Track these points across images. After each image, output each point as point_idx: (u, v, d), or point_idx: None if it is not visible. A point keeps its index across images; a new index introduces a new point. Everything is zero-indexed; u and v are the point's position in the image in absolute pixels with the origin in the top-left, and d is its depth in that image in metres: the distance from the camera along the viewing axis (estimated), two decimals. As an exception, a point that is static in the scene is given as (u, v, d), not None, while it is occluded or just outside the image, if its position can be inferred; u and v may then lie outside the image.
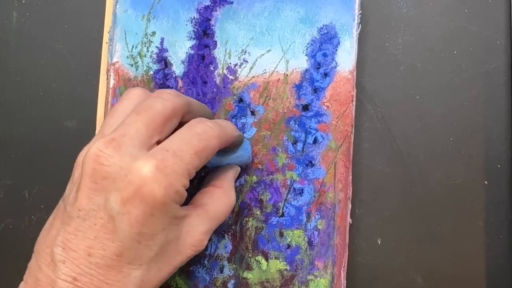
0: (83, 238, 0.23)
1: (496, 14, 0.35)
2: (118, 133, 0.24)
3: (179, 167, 0.24)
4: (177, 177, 0.24)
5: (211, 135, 0.26)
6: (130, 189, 0.23)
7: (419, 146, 0.34)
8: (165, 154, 0.24)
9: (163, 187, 0.23)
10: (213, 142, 0.26)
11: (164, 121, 0.25)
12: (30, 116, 0.36)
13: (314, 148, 0.32)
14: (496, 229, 0.33)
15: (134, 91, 0.28)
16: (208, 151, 0.26)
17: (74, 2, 0.36)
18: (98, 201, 0.23)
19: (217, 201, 0.28)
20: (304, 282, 0.32)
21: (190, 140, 0.25)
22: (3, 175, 0.36)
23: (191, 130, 0.25)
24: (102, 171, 0.23)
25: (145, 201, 0.23)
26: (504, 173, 0.34)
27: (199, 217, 0.27)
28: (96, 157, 0.24)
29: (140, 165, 0.23)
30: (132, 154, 0.24)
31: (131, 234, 0.23)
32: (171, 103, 0.26)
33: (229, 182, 0.30)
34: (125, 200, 0.23)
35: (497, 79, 0.34)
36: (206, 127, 0.26)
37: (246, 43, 0.33)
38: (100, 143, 0.24)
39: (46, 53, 0.36)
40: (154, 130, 0.25)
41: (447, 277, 0.33)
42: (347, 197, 0.32)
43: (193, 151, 0.25)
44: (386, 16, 0.35)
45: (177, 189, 0.24)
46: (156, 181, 0.23)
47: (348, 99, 0.32)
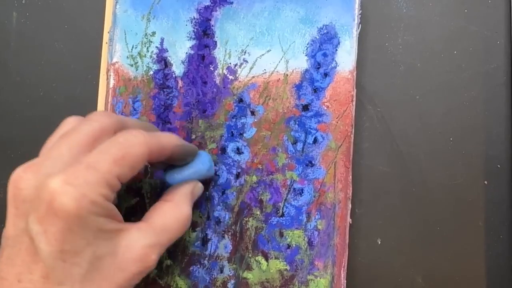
0: (12, 265, 0.23)
1: (496, 14, 0.35)
2: (40, 158, 0.25)
3: (92, 177, 0.23)
4: (90, 187, 0.23)
5: (134, 142, 0.25)
6: (43, 207, 0.22)
7: (419, 146, 0.34)
8: (77, 167, 0.23)
9: (73, 199, 0.22)
10: (137, 149, 0.25)
11: (91, 141, 0.25)
12: (30, 116, 0.36)
13: (314, 148, 0.32)
14: (496, 229, 0.33)
15: (68, 120, 0.27)
16: (131, 158, 0.25)
17: (74, 2, 0.36)
18: (21, 226, 0.23)
19: (164, 214, 0.27)
20: (304, 282, 0.32)
21: (108, 149, 0.24)
22: (3, 175, 0.36)
23: (112, 141, 0.25)
24: (20, 195, 0.23)
25: (59, 216, 0.22)
26: (504, 173, 0.34)
27: (140, 231, 0.26)
28: (15, 183, 0.24)
29: (50, 180, 0.23)
30: (48, 174, 0.23)
31: (52, 253, 0.22)
32: (98, 123, 0.25)
33: (181, 196, 0.28)
34: (41, 219, 0.22)
35: (497, 79, 0.34)
36: (129, 135, 0.25)
37: (246, 43, 0.33)
38: (20, 168, 0.24)
39: (46, 53, 0.36)
40: (78, 150, 0.24)
41: (447, 277, 0.33)
42: (347, 197, 0.32)
43: (111, 160, 0.24)
44: (386, 16, 0.35)
45: (93, 199, 0.23)
46: (65, 193, 0.22)
47: (348, 99, 0.32)
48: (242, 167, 0.32)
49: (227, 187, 0.32)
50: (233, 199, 0.32)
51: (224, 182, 0.32)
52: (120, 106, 0.33)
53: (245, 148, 0.33)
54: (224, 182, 0.32)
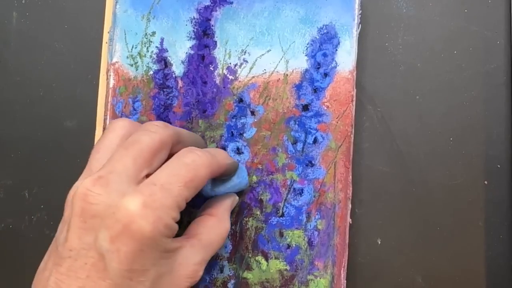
0: (75, 278, 0.23)
1: (496, 14, 0.35)
2: (105, 170, 0.24)
3: (167, 201, 0.24)
4: (165, 211, 0.23)
5: (200, 164, 0.25)
6: (118, 227, 0.23)
7: (419, 146, 0.34)
8: (152, 189, 0.24)
9: (151, 223, 0.23)
10: (203, 171, 0.25)
11: (153, 154, 0.25)
12: (30, 116, 0.36)
13: (314, 148, 0.32)
14: (496, 229, 0.33)
15: (118, 123, 0.27)
16: (198, 181, 0.25)
17: (74, 2, 0.36)
18: (88, 240, 0.23)
19: (211, 230, 0.28)
20: (304, 282, 0.32)
21: (178, 171, 0.25)
22: (3, 175, 0.36)
23: (179, 161, 0.25)
24: (90, 209, 0.23)
25: (134, 237, 0.23)
26: (504, 173, 0.34)
27: (193, 248, 0.26)
28: (84, 196, 0.24)
29: (127, 201, 0.23)
30: (120, 191, 0.23)
31: (121, 272, 0.23)
32: (158, 136, 0.25)
33: (224, 210, 0.29)
34: (114, 238, 0.23)
35: (497, 79, 0.34)
36: (195, 156, 0.25)
37: (246, 43, 0.33)
38: (88, 181, 0.24)
39: (46, 53, 0.36)
40: (142, 164, 0.25)
41: (447, 277, 0.33)
42: (347, 197, 0.32)
43: (181, 183, 0.24)
44: (386, 16, 0.35)
45: (166, 223, 0.23)
46: (144, 217, 0.23)
47: (348, 99, 0.32)
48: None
49: (227, 187, 0.32)
50: (233, 199, 0.32)
51: (224, 182, 0.32)
52: (120, 106, 0.33)
53: (245, 148, 0.33)
54: (224, 182, 0.32)
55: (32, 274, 0.36)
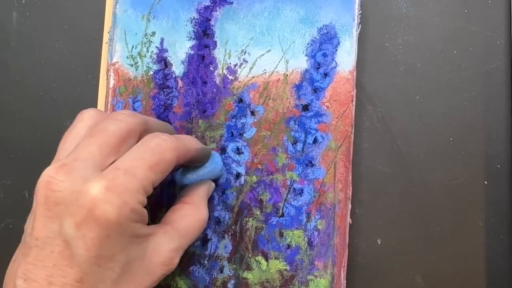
0: (42, 267, 0.23)
1: (496, 14, 0.35)
2: (70, 157, 0.24)
3: (132, 184, 0.23)
4: (130, 195, 0.23)
5: (165, 147, 0.25)
6: (82, 212, 0.22)
7: (419, 146, 0.34)
8: (116, 173, 0.23)
9: (116, 207, 0.22)
10: (169, 155, 0.25)
11: (119, 142, 0.25)
12: (30, 116, 0.36)
13: (314, 148, 0.32)
14: (496, 229, 0.33)
15: (87, 113, 0.27)
16: (164, 164, 0.25)
17: (74, 2, 0.36)
18: (53, 228, 0.23)
19: (187, 217, 0.28)
20: (304, 282, 0.32)
21: (143, 155, 0.24)
22: (3, 175, 0.36)
23: (144, 145, 0.25)
24: (54, 197, 0.23)
25: (99, 223, 0.22)
26: (504, 173, 0.34)
27: (167, 234, 0.26)
28: (47, 184, 0.23)
29: (90, 186, 0.23)
30: (84, 177, 0.23)
31: (89, 258, 0.22)
32: (125, 124, 0.25)
33: (200, 198, 0.29)
34: (79, 224, 0.22)
35: (497, 79, 0.34)
36: (160, 140, 0.25)
37: (246, 43, 0.33)
38: (51, 169, 0.24)
39: (46, 53, 0.36)
40: (108, 152, 0.24)
41: (447, 277, 0.33)
42: (347, 197, 0.32)
43: (146, 166, 0.24)
44: (386, 16, 0.35)
45: (132, 207, 0.23)
46: (107, 201, 0.22)
47: (348, 99, 0.32)
48: (242, 167, 0.32)
49: (227, 187, 0.32)
50: (233, 199, 0.32)
51: (224, 182, 0.32)
52: (120, 106, 0.33)
53: (245, 148, 0.33)
54: (224, 182, 0.32)
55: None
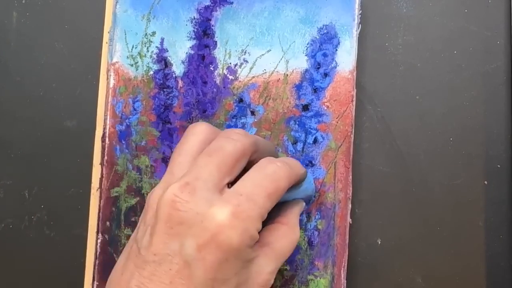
0: (158, 283, 0.23)
1: (496, 14, 0.35)
2: (191, 176, 0.24)
3: (253, 212, 0.24)
4: (252, 222, 0.24)
5: (281, 175, 0.26)
6: (206, 235, 0.23)
7: (419, 146, 0.34)
8: (239, 199, 0.24)
9: (239, 234, 0.23)
10: (283, 183, 0.26)
11: (235, 163, 0.25)
12: (30, 116, 0.36)
13: (314, 148, 0.32)
14: (496, 229, 0.33)
15: (199, 127, 0.27)
16: (279, 192, 0.25)
17: (74, 2, 0.36)
18: (174, 246, 0.23)
19: (283, 238, 0.27)
20: (304, 282, 0.32)
21: (261, 182, 0.25)
22: (3, 175, 0.36)
23: (262, 172, 0.25)
24: (178, 216, 0.23)
25: (221, 247, 0.23)
26: (504, 173, 0.34)
27: (267, 257, 0.26)
28: (172, 203, 0.23)
29: (215, 211, 0.23)
30: (207, 199, 0.24)
31: (205, 280, 0.23)
32: (241, 144, 0.26)
33: (295, 218, 0.29)
34: (201, 246, 0.23)
35: (497, 79, 0.34)
36: (276, 167, 0.26)
37: (246, 43, 0.33)
38: (175, 187, 0.24)
39: (46, 53, 0.36)
40: (225, 172, 0.25)
41: (447, 277, 0.33)
42: (347, 197, 0.32)
43: (265, 194, 0.25)
44: (386, 16, 0.35)
45: (252, 234, 0.24)
46: (233, 228, 0.23)
47: (348, 99, 0.32)
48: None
49: (227, 187, 0.32)
50: (233, 199, 0.32)
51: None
52: (120, 106, 0.33)
53: (245, 148, 0.32)
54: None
55: (32, 274, 0.36)
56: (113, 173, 0.33)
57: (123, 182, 0.32)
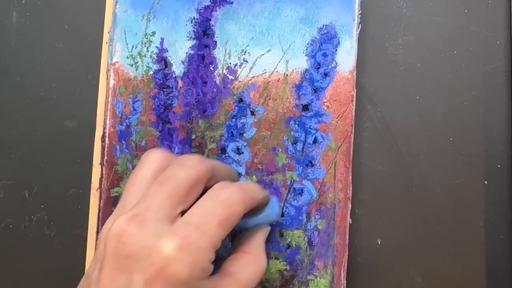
0: None
1: (496, 14, 0.35)
2: (140, 207, 0.24)
3: (203, 242, 0.23)
4: (201, 253, 0.23)
5: (235, 201, 0.25)
6: (153, 270, 0.22)
7: (419, 146, 0.34)
8: (188, 230, 0.23)
9: (188, 266, 0.22)
10: (238, 208, 0.25)
11: (188, 191, 0.25)
12: (30, 116, 0.36)
13: (314, 148, 0.32)
14: (496, 229, 0.33)
15: (153, 154, 0.27)
16: (233, 219, 0.25)
17: (74, 2, 0.36)
18: (121, 282, 0.23)
19: (247, 268, 0.27)
20: (304, 282, 0.32)
21: (213, 209, 0.24)
22: (3, 175, 0.36)
23: (214, 198, 0.25)
24: (124, 250, 0.23)
25: (169, 281, 0.22)
26: (504, 173, 0.34)
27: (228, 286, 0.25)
28: (118, 236, 0.23)
29: (163, 244, 0.22)
30: (155, 230, 0.23)
31: None
32: (195, 171, 0.25)
33: (259, 245, 0.28)
34: (148, 281, 0.22)
35: (497, 79, 0.34)
36: (229, 192, 0.25)
37: (246, 43, 0.33)
38: (123, 220, 0.23)
39: (46, 53, 0.36)
40: (177, 201, 0.24)
41: (447, 277, 0.33)
42: (347, 197, 0.32)
43: (217, 222, 0.24)
44: (386, 16, 0.35)
45: (203, 266, 0.23)
46: (180, 261, 0.22)
47: (348, 99, 0.32)
48: (242, 167, 0.32)
49: (227, 187, 0.32)
50: (233, 199, 0.32)
51: (224, 182, 0.32)
52: (120, 106, 0.33)
53: (245, 148, 0.33)
54: (224, 182, 0.32)
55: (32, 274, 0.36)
56: (113, 173, 0.33)
57: (123, 182, 0.33)
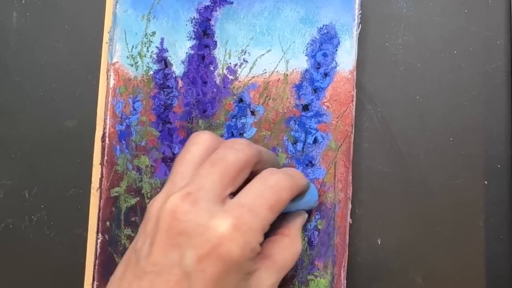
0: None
1: (496, 14, 0.35)
2: (193, 186, 0.24)
3: (255, 224, 0.24)
4: (253, 234, 0.23)
5: (283, 186, 0.25)
6: (206, 247, 0.22)
7: (419, 146, 0.34)
8: (241, 211, 0.23)
9: (241, 246, 0.23)
10: (285, 194, 0.25)
11: (237, 173, 0.25)
12: (30, 116, 0.36)
13: (314, 148, 0.32)
14: (496, 229, 0.33)
15: (202, 136, 0.27)
16: (281, 204, 0.25)
17: (74, 2, 0.36)
18: (174, 257, 0.23)
19: (284, 250, 0.27)
20: (304, 282, 0.32)
21: (264, 193, 0.25)
22: (3, 175, 0.36)
23: (264, 183, 0.25)
24: (178, 227, 0.23)
25: (222, 259, 0.22)
26: (504, 173, 0.34)
27: (268, 270, 0.26)
28: (173, 213, 0.23)
29: (217, 222, 0.23)
30: (208, 210, 0.23)
31: None
32: (244, 154, 0.25)
33: (296, 230, 0.29)
34: (201, 258, 0.22)
35: (497, 79, 0.34)
36: (278, 179, 0.25)
37: (246, 43, 0.33)
38: (177, 197, 0.24)
39: (46, 53, 0.36)
40: (228, 182, 0.25)
41: (447, 277, 0.33)
42: (347, 197, 0.32)
43: (267, 206, 0.24)
44: (386, 16, 0.35)
45: (253, 247, 0.23)
46: (234, 240, 0.23)
47: (348, 99, 0.32)
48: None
49: (227, 187, 0.32)
50: (233, 199, 0.32)
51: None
52: (120, 106, 0.33)
53: (245, 148, 0.32)
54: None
55: (32, 274, 0.36)
56: (113, 173, 0.33)
57: (123, 182, 0.32)
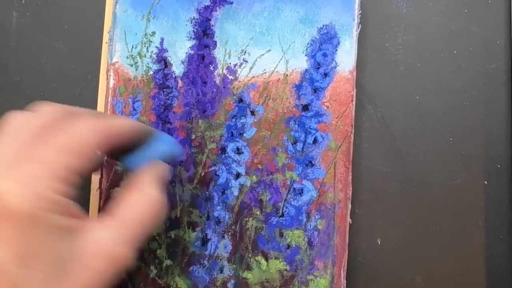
0: None
1: (496, 14, 0.35)
2: None
3: (38, 170, 0.21)
4: (39, 182, 0.21)
5: (80, 128, 0.23)
6: None
7: (419, 146, 0.34)
8: (22, 162, 0.21)
9: (22, 196, 0.20)
10: (84, 135, 0.23)
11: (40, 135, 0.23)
12: (30, 116, 0.36)
13: (314, 148, 0.32)
14: (496, 229, 0.33)
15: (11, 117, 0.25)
16: (79, 146, 0.23)
17: (74, 2, 0.36)
18: None
19: (132, 203, 0.25)
20: (304, 282, 0.32)
21: (52, 139, 0.22)
22: (3, 175, 0.36)
23: (57, 130, 0.23)
24: None
25: (11, 218, 0.20)
26: (504, 173, 0.34)
27: (107, 227, 0.23)
28: None
29: (0, 183, 0.21)
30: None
31: (12, 260, 0.20)
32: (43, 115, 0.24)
33: (145, 180, 0.25)
34: None
35: (497, 79, 0.34)
36: (74, 121, 0.23)
37: (246, 43, 0.33)
38: None
39: (46, 53, 0.36)
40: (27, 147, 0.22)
41: (447, 277, 0.33)
42: (347, 197, 0.32)
43: (54, 149, 0.22)
44: (386, 16, 0.35)
45: (44, 196, 0.21)
46: (12, 192, 0.20)
47: (348, 99, 0.32)
48: (242, 167, 0.32)
49: (227, 187, 0.32)
50: (233, 199, 0.32)
51: (224, 182, 0.32)
52: (120, 106, 0.33)
53: (245, 148, 0.33)
54: (224, 182, 0.32)
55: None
56: (113, 173, 0.33)
57: (123, 182, 0.32)
